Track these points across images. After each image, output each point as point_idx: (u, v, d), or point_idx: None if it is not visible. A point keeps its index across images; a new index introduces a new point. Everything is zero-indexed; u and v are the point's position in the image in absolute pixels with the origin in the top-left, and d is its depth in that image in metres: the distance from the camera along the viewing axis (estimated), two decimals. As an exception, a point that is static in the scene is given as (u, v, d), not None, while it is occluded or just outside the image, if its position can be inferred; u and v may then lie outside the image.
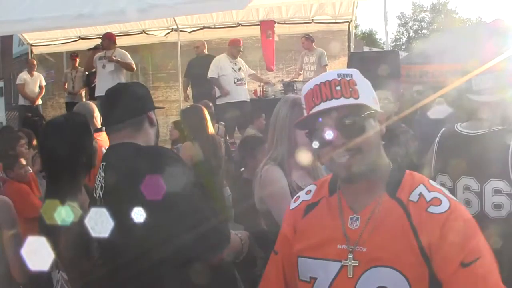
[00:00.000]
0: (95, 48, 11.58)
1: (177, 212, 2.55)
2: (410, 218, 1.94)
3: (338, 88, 1.98)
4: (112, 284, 2.75)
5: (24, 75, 13.75)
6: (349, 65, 8.88)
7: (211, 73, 11.13)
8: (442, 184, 3.37)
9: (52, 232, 2.91)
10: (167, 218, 2.53)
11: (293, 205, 2.34)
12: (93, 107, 5.63)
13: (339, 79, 1.99)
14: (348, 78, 2.00)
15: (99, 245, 2.78)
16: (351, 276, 1.98)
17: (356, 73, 2.04)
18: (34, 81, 13.78)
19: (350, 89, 1.98)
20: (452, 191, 3.49)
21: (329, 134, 1.96)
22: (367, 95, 2.02)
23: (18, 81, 13.87)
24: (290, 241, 2.25)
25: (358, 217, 2.04)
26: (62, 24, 10.96)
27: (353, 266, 1.98)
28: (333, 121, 1.97)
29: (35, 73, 13.92)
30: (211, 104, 9.24)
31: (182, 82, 12.59)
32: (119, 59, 11.21)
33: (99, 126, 5.32)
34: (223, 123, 9.70)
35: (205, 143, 6.19)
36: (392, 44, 53.00)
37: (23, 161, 6.13)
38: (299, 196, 2.36)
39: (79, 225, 2.78)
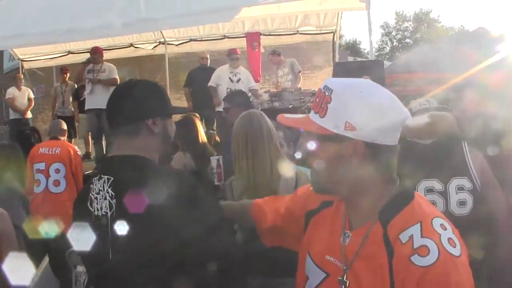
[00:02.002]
0: (88, 62, 11.74)
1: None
2: (391, 261, 1.78)
3: (317, 100, 1.96)
4: None
5: (12, 90, 13.90)
6: (334, 75, 9.01)
7: (210, 82, 11.32)
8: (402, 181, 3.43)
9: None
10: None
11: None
12: None
13: (323, 90, 1.94)
14: (327, 93, 1.91)
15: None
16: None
17: (338, 91, 1.91)
18: (23, 95, 13.93)
19: (321, 106, 1.93)
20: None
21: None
22: (336, 118, 1.89)
23: (7, 96, 14.01)
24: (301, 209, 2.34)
25: (350, 235, 1.98)
26: (52, 39, 11.14)
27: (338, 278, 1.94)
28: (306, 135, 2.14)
29: (22, 87, 14.06)
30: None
31: (184, 92, 12.71)
32: (100, 79, 11.49)
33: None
34: (214, 131, 9.80)
35: (197, 152, 6.32)
36: (376, 54, 53.39)
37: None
38: None
39: None
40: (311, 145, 1.96)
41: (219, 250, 2.36)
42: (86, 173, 10.91)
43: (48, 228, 3.39)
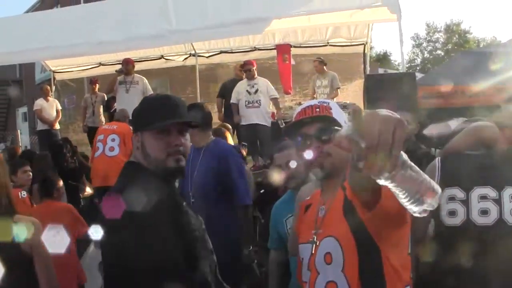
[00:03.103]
0: (120, 73, 11.74)
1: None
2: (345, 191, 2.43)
3: (318, 109, 2.69)
4: None
5: (40, 101, 14.02)
6: (366, 87, 8.91)
7: (231, 99, 11.23)
8: (453, 197, 3.62)
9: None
10: None
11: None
12: None
13: (318, 104, 2.73)
14: (325, 104, 2.73)
15: None
16: (313, 252, 2.60)
17: (333, 104, 2.80)
18: (51, 106, 14.03)
19: (326, 111, 2.68)
20: (466, 201, 3.59)
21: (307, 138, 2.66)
22: (339, 117, 2.69)
23: (35, 107, 14.14)
24: None
25: (324, 207, 2.67)
26: (83, 51, 11.26)
27: (314, 243, 2.61)
28: (310, 130, 2.64)
29: (50, 98, 14.18)
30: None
31: (216, 102, 12.52)
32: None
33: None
34: (246, 144, 9.72)
35: None
36: (407, 65, 52.83)
37: (60, 183, 6.62)
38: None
39: None
40: (328, 135, 2.55)
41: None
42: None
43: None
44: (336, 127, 2.45)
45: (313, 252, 2.60)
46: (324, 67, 12.91)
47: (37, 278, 3.43)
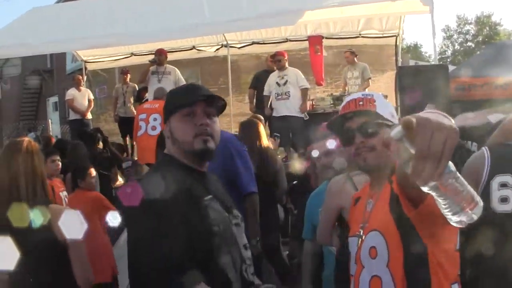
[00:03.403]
0: (153, 63, 11.75)
1: None
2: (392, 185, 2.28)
3: (361, 103, 2.67)
4: None
5: (72, 91, 14.11)
6: (399, 79, 8.87)
7: (264, 91, 11.29)
8: (505, 184, 3.76)
9: None
10: None
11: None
12: None
13: (362, 97, 2.71)
14: (369, 97, 2.71)
15: None
16: (359, 246, 2.62)
17: (376, 95, 2.77)
18: (83, 96, 14.11)
19: (370, 105, 2.66)
20: None
21: (352, 135, 2.65)
22: (384, 110, 2.67)
23: (67, 97, 14.23)
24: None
25: (371, 201, 2.67)
26: (115, 41, 11.34)
27: (360, 236, 2.63)
28: (355, 124, 2.65)
29: (82, 88, 14.27)
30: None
31: (248, 93, 12.61)
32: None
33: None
34: (278, 135, 9.68)
35: (255, 155, 6.11)
36: (438, 57, 52.54)
37: (93, 172, 6.66)
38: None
39: None
40: (372, 129, 2.60)
41: None
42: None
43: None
44: (380, 121, 2.62)
45: (358, 245, 2.61)
46: (355, 58, 12.85)
47: (71, 267, 3.48)
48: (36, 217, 3.35)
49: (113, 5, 11.35)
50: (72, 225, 3.40)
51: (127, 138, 13.76)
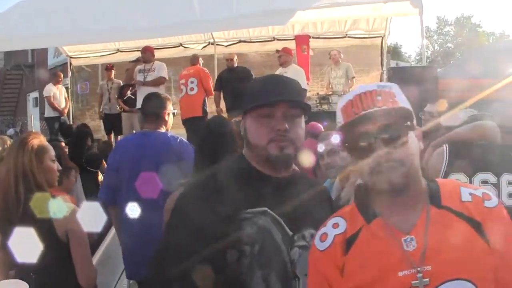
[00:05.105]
0: (137, 61, 11.74)
1: None
2: (471, 220, 1.91)
3: (379, 98, 1.97)
4: None
5: (51, 87, 13.91)
6: (390, 80, 8.91)
7: None
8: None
9: None
10: None
11: (322, 245, 2.10)
12: None
13: (379, 89, 2.00)
14: (388, 90, 2.01)
15: None
16: None
17: (394, 86, 2.05)
18: (60, 93, 14.01)
19: (391, 100, 1.98)
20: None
21: (371, 143, 1.96)
22: (407, 105, 2.03)
23: (46, 93, 13.92)
24: (337, 285, 2.02)
25: (412, 237, 1.91)
26: (103, 38, 11.26)
27: (424, 285, 1.83)
28: (376, 128, 1.96)
29: (59, 85, 14.16)
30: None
31: (214, 96, 12.38)
32: (146, 82, 11.44)
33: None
34: None
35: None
36: (418, 58, 52.86)
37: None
38: (325, 233, 2.13)
39: None
40: (397, 136, 1.95)
41: None
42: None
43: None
44: (408, 123, 2.00)
45: None
46: (339, 58, 12.95)
47: (73, 266, 3.49)
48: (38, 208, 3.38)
49: (100, 1, 11.27)
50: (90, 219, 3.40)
51: (112, 135, 13.75)
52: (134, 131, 13.18)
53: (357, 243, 2.01)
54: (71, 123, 13.75)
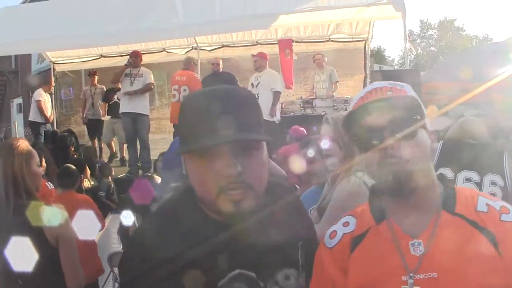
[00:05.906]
0: (128, 65, 11.57)
1: None
2: (485, 231, 1.78)
3: (390, 93, 1.84)
4: None
5: (41, 92, 13.65)
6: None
7: None
8: (443, 175, 3.48)
9: None
10: None
11: (331, 243, 2.01)
12: None
13: (390, 86, 1.86)
14: (399, 87, 1.86)
15: None
16: None
17: (406, 86, 1.89)
18: (48, 100, 13.84)
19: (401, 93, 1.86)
20: (453, 181, 4.14)
21: (377, 134, 1.81)
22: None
23: (38, 97, 13.60)
24: (340, 285, 1.92)
25: (420, 241, 1.81)
26: (87, 42, 11.25)
27: None
28: (382, 117, 1.80)
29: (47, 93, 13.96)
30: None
31: None
32: (136, 91, 11.31)
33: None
34: None
35: None
36: (401, 61, 53.02)
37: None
38: (335, 231, 2.03)
39: None
40: (403, 124, 1.79)
41: None
42: (119, 176, 10.99)
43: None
44: (418, 116, 1.85)
45: None
46: (324, 62, 13.00)
47: (61, 270, 3.46)
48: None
49: (86, 6, 11.25)
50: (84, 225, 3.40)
51: (95, 141, 13.71)
52: (115, 137, 13.24)
53: (363, 243, 1.93)
54: (56, 129, 13.63)
